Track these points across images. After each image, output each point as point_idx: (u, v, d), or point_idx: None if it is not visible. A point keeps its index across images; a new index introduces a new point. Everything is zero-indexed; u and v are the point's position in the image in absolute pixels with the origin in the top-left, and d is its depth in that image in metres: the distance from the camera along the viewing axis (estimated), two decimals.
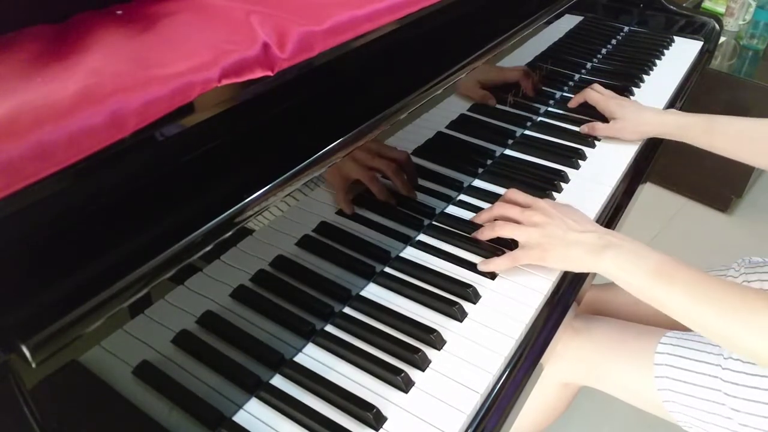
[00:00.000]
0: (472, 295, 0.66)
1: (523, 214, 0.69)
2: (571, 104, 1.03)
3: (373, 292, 0.67)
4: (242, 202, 0.47)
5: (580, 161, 0.90)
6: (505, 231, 0.70)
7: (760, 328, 0.56)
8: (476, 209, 0.78)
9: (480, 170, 0.87)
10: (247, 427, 0.53)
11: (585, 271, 0.68)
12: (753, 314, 0.57)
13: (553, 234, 0.67)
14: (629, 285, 0.63)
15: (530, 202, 0.71)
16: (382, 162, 0.65)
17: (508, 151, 0.92)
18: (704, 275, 0.61)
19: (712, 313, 0.58)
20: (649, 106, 0.97)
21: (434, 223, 0.77)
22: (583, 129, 0.96)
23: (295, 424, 0.54)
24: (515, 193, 0.74)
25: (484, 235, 0.72)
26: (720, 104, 1.74)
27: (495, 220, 0.73)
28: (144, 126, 0.41)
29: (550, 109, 1.04)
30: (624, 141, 0.94)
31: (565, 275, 0.70)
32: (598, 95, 0.98)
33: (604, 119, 0.97)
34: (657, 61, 1.21)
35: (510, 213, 0.71)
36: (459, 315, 0.63)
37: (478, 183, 0.85)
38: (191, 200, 0.47)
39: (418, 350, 0.59)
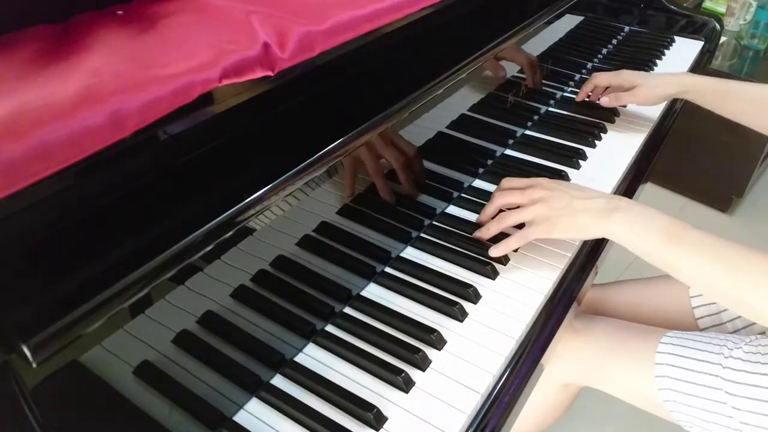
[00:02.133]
0: (473, 295, 0.66)
1: (524, 195, 0.69)
2: (579, 97, 1.02)
3: (373, 292, 0.67)
4: (242, 202, 0.47)
5: (580, 161, 0.90)
6: (510, 219, 0.69)
7: None
8: (477, 209, 0.78)
9: (480, 170, 0.87)
10: (247, 426, 0.53)
11: (594, 237, 0.67)
12: (765, 276, 0.56)
13: (558, 205, 0.66)
14: (639, 248, 0.63)
15: (528, 182, 0.71)
16: (393, 153, 0.65)
17: (508, 151, 0.92)
18: (716, 237, 0.60)
19: (724, 275, 0.58)
20: (663, 73, 1.00)
21: (435, 223, 0.77)
22: (604, 100, 0.97)
23: (296, 424, 0.54)
24: (510, 180, 0.73)
25: (490, 231, 0.71)
26: None
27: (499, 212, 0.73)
28: (144, 126, 0.41)
29: (550, 109, 1.04)
30: (626, 141, 0.95)
31: (566, 274, 0.70)
32: (606, 75, 0.98)
33: (608, 117, 0.97)
34: (658, 61, 1.21)
35: (511, 199, 0.70)
36: (459, 315, 0.63)
37: (478, 183, 0.85)
38: (191, 200, 0.47)
39: (418, 350, 0.59)
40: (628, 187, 0.88)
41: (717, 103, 0.90)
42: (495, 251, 0.69)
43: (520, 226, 0.70)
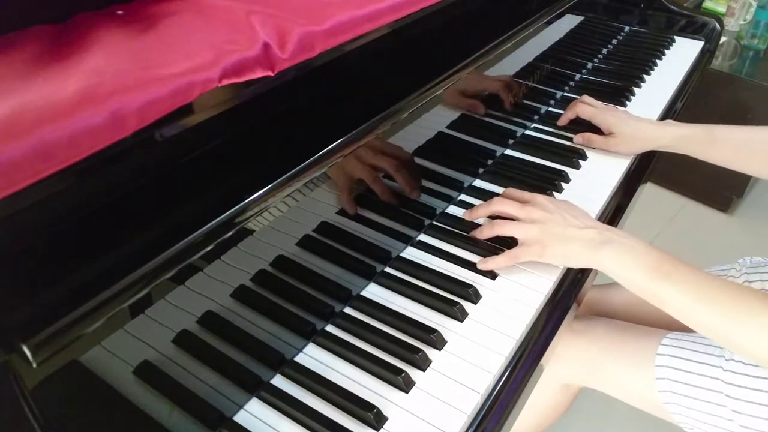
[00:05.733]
0: (473, 295, 0.66)
1: (522, 211, 0.69)
2: (561, 122, 0.97)
3: (373, 292, 0.67)
4: (242, 202, 0.47)
5: (580, 161, 0.90)
6: (504, 229, 0.69)
7: (759, 328, 0.56)
8: None
9: (480, 170, 0.87)
10: (247, 427, 0.53)
11: (584, 266, 0.68)
12: (752, 314, 0.57)
13: (552, 230, 0.67)
14: (628, 281, 0.63)
15: (528, 198, 0.71)
16: (385, 161, 0.65)
17: (508, 151, 0.92)
18: (704, 274, 0.61)
19: (711, 312, 0.58)
20: (646, 118, 0.93)
21: (435, 223, 0.77)
22: (578, 140, 0.93)
23: (296, 424, 0.54)
24: (513, 191, 0.74)
25: (483, 234, 0.72)
26: (721, 104, 1.74)
27: (493, 216, 0.73)
28: (144, 126, 0.41)
29: (551, 109, 1.04)
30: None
31: (566, 275, 0.70)
32: (591, 109, 0.94)
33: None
34: (658, 61, 1.21)
35: (508, 210, 0.70)
36: (459, 315, 0.63)
37: (478, 183, 0.85)
38: (191, 200, 0.47)
39: (418, 350, 0.59)
40: (628, 187, 0.88)
41: (702, 152, 0.87)
42: (483, 265, 0.69)
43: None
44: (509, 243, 0.71)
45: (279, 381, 0.57)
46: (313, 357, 0.60)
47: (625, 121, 0.91)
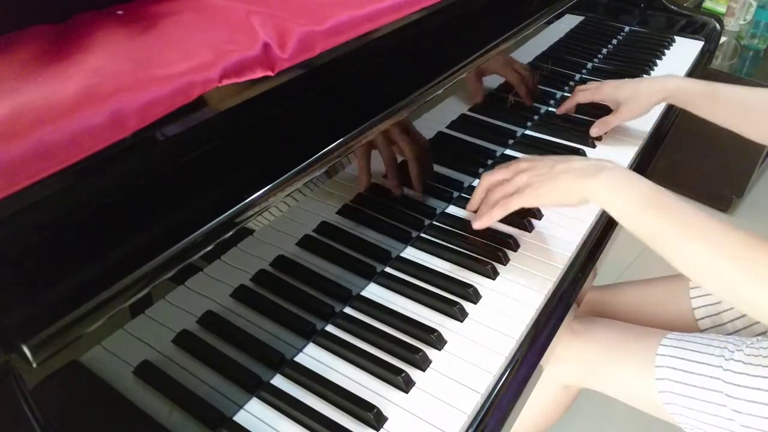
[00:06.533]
0: (473, 295, 0.66)
1: (508, 169, 0.70)
2: (560, 111, 0.99)
3: (373, 292, 0.67)
4: (242, 202, 0.47)
5: None
6: (497, 194, 0.69)
7: (757, 275, 0.53)
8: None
9: (480, 170, 0.87)
10: (247, 427, 0.53)
11: (579, 200, 0.65)
12: (750, 259, 0.53)
13: (541, 171, 0.66)
14: (621, 210, 0.62)
15: (510, 163, 0.71)
16: (407, 145, 0.66)
17: (508, 151, 0.92)
18: (701, 212, 0.58)
19: (706, 251, 0.55)
20: (645, 77, 0.94)
21: (435, 223, 0.77)
22: (594, 130, 0.93)
23: (296, 424, 0.54)
24: (493, 170, 0.73)
25: (483, 222, 0.71)
26: None
27: (486, 204, 0.72)
28: (145, 126, 0.41)
29: (550, 109, 1.04)
30: (627, 141, 0.94)
31: (566, 275, 0.70)
32: (588, 93, 0.95)
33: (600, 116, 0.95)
34: (658, 61, 1.21)
35: (496, 176, 0.70)
36: (459, 315, 0.63)
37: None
38: (191, 200, 0.47)
39: (418, 350, 0.59)
40: None
41: (705, 108, 0.87)
42: (478, 223, 0.69)
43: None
44: (509, 243, 0.71)
45: (279, 381, 0.57)
46: (313, 357, 0.60)
47: (623, 87, 0.92)
